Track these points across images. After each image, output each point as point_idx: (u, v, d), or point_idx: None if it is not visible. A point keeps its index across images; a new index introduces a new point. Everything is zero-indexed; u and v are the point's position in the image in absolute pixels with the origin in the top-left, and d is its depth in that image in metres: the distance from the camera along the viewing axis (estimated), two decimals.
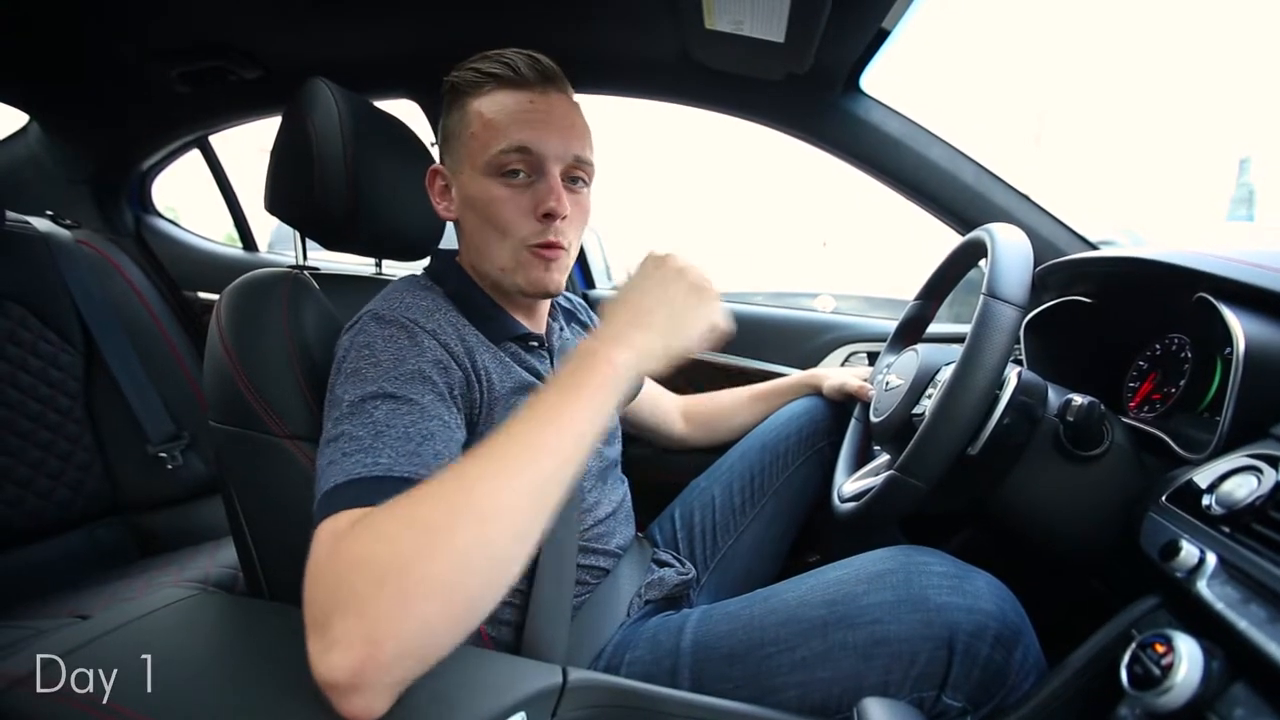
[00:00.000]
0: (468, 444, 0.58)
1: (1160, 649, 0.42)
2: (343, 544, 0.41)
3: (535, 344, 0.72)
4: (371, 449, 0.49)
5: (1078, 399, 0.63)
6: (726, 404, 1.07)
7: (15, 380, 1.11)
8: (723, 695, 0.58)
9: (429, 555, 0.39)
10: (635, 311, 0.52)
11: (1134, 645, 0.44)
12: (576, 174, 0.66)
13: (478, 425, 0.62)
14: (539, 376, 0.69)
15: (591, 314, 0.93)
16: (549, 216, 0.63)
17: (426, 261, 0.76)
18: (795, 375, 1.08)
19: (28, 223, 1.22)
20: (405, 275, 0.72)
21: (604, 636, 0.69)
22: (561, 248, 0.65)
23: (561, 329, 0.80)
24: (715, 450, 1.01)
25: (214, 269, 1.59)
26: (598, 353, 0.49)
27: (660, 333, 0.51)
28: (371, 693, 0.38)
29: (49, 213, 1.30)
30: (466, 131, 0.65)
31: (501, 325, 0.69)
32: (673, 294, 0.53)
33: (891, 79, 1.10)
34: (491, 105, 0.63)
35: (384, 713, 0.39)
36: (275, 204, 0.79)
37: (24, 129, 1.44)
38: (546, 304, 0.77)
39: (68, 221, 1.31)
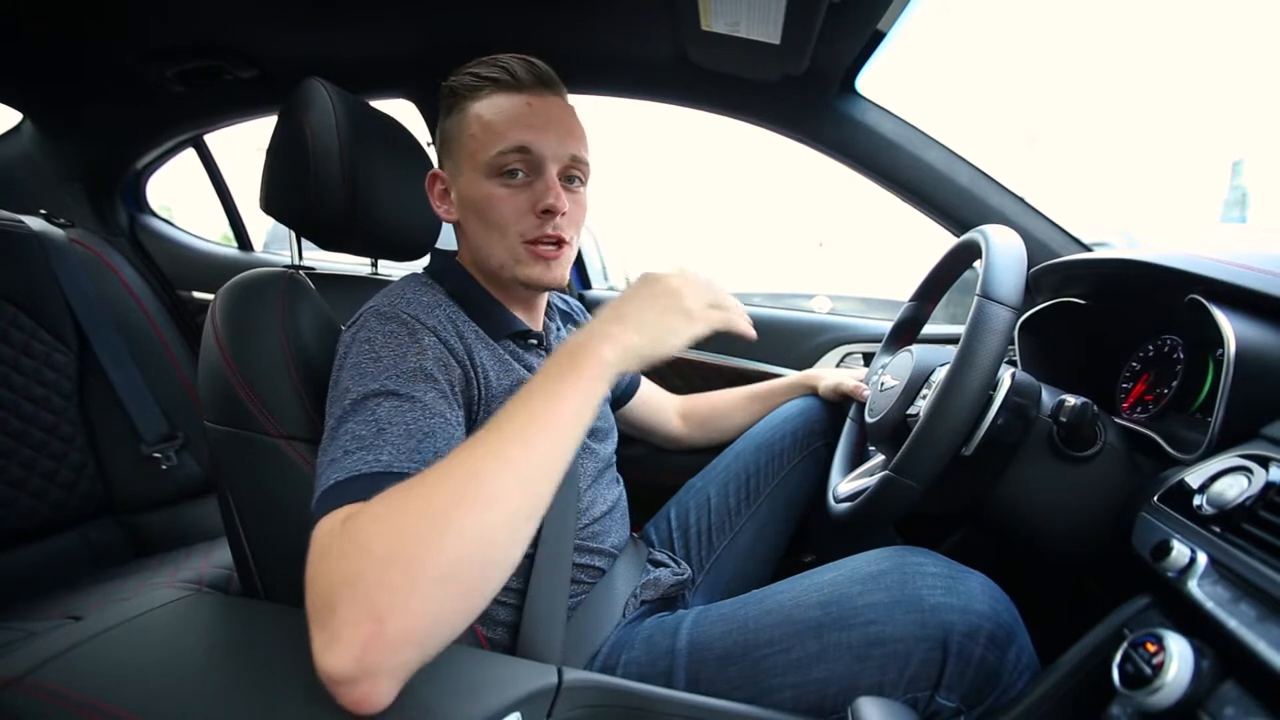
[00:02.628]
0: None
1: (1151, 648, 0.42)
2: (346, 532, 0.42)
3: (534, 341, 0.73)
4: (373, 446, 0.50)
5: (1071, 399, 0.63)
6: (723, 404, 1.07)
7: (8, 381, 1.10)
8: (718, 696, 0.58)
9: (432, 540, 0.40)
10: (622, 316, 0.53)
11: (1126, 644, 0.44)
12: (573, 173, 0.68)
13: (476, 422, 0.62)
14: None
15: (587, 315, 0.93)
16: (548, 213, 0.65)
17: (426, 261, 0.77)
18: (791, 376, 1.08)
19: (21, 221, 1.21)
20: (407, 274, 0.72)
21: (600, 637, 0.69)
22: (563, 243, 0.67)
23: (558, 329, 0.81)
24: (711, 450, 1.01)
25: (209, 268, 1.58)
26: (586, 346, 0.50)
27: (643, 338, 0.53)
28: (376, 678, 0.38)
29: (42, 211, 1.30)
30: (465, 134, 0.66)
31: (500, 321, 0.69)
32: (660, 308, 0.55)
33: (887, 81, 1.10)
34: (490, 108, 0.65)
35: (387, 704, 0.39)
36: (271, 204, 0.79)
37: (18, 127, 1.43)
38: (544, 301, 0.77)
39: (61, 220, 1.30)
